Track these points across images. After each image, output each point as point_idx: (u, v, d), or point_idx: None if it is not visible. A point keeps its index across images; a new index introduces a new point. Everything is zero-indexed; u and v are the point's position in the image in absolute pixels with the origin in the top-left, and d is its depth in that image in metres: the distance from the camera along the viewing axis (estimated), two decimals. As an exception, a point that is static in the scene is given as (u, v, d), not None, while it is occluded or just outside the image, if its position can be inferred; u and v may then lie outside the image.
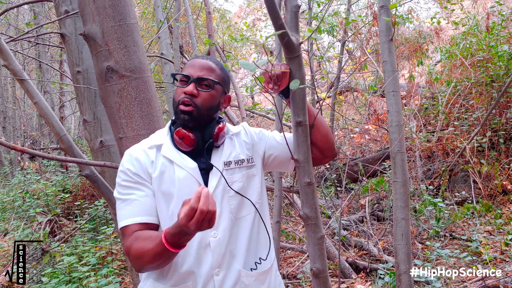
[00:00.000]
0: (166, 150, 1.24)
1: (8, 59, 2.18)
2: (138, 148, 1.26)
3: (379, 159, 5.28)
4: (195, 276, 1.19)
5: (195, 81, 1.23)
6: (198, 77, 1.24)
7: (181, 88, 1.25)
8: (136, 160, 1.22)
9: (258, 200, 1.31)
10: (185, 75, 1.25)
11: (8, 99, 12.43)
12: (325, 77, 7.04)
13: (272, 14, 1.14)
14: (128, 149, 1.28)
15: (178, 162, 1.22)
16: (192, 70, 1.25)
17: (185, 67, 1.29)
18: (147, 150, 1.25)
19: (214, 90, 1.26)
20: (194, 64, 1.26)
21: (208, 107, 1.25)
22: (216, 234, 1.21)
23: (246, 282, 1.24)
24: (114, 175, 2.33)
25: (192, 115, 1.22)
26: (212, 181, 1.23)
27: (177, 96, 1.25)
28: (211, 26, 4.76)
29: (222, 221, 1.23)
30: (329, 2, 5.38)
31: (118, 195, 1.22)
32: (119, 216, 1.20)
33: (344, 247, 3.85)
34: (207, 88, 1.25)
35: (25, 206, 5.52)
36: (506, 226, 3.86)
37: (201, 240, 1.20)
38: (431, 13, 9.61)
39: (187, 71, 1.26)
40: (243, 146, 1.33)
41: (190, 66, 1.27)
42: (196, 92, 1.22)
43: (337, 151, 5.96)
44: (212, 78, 1.25)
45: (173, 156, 1.23)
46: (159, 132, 1.33)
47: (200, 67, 1.25)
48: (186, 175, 1.21)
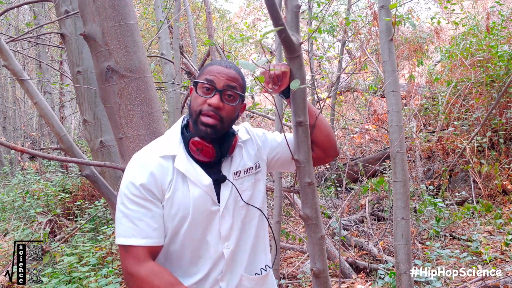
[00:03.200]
0: (180, 163, 1.16)
1: (8, 59, 2.18)
2: (151, 158, 1.16)
3: (379, 159, 5.28)
4: (202, 283, 1.20)
5: (220, 93, 1.16)
6: (223, 88, 1.16)
7: (203, 97, 1.16)
8: (152, 175, 1.13)
9: (262, 203, 1.31)
10: (209, 84, 1.16)
11: (8, 99, 12.43)
12: (325, 77, 7.04)
13: (272, 14, 1.13)
14: (139, 155, 1.18)
15: (192, 178, 1.16)
16: (217, 79, 1.16)
17: (206, 72, 1.19)
18: (162, 162, 1.15)
19: (238, 103, 1.20)
20: (219, 72, 1.17)
21: (231, 120, 1.20)
22: (229, 246, 1.21)
23: (248, 286, 1.26)
24: (114, 175, 2.34)
25: (216, 128, 1.15)
26: (224, 193, 1.21)
27: (198, 105, 1.16)
28: (211, 26, 4.76)
29: (233, 231, 1.22)
30: (329, 2, 5.38)
31: (122, 208, 1.13)
32: (120, 230, 1.13)
33: (344, 247, 3.85)
34: (232, 101, 1.18)
35: (25, 206, 5.52)
36: (506, 226, 3.86)
37: (215, 251, 1.20)
38: (431, 13, 9.61)
39: (212, 78, 1.17)
40: (250, 153, 1.31)
41: (213, 74, 1.17)
42: (222, 105, 1.15)
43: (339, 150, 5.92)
44: (237, 90, 1.18)
45: (187, 170, 1.16)
46: (169, 137, 1.23)
47: (225, 76, 1.17)
48: (200, 193, 1.16)
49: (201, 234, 1.18)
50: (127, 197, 1.13)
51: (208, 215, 1.18)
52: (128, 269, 1.12)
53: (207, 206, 1.17)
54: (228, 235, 1.21)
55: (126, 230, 1.12)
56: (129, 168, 1.17)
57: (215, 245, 1.19)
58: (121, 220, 1.13)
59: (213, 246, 1.19)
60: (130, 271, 1.12)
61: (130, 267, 1.12)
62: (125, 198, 1.13)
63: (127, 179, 1.14)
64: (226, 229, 1.20)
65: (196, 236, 1.17)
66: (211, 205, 1.18)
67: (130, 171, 1.15)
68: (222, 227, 1.20)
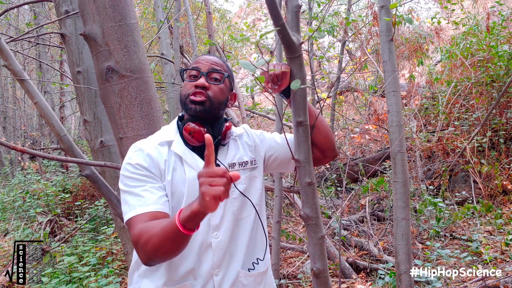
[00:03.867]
0: (177, 146, 1.22)
1: (8, 59, 2.18)
2: (148, 143, 1.22)
3: (379, 159, 5.28)
4: (194, 276, 1.19)
5: (205, 75, 1.23)
6: (208, 71, 1.24)
7: (190, 82, 1.24)
8: (148, 156, 1.18)
9: (258, 202, 1.31)
10: (195, 69, 1.25)
11: (8, 99, 12.43)
12: (325, 77, 7.04)
13: (273, 14, 1.14)
14: (136, 143, 1.23)
15: (188, 161, 1.20)
16: (201, 65, 1.25)
17: (192, 63, 1.29)
18: (158, 146, 1.21)
19: (224, 84, 1.26)
20: (202, 60, 1.27)
21: (219, 100, 1.24)
22: (218, 235, 1.21)
23: (244, 282, 1.25)
24: (114, 175, 2.34)
25: (205, 105, 1.21)
26: None
27: (186, 90, 1.24)
28: (211, 26, 4.76)
29: (224, 222, 1.22)
30: (329, 2, 5.38)
31: (124, 187, 1.15)
32: (126, 208, 1.13)
33: (344, 247, 3.85)
34: (218, 81, 1.25)
35: (25, 206, 5.52)
36: (506, 226, 3.86)
37: (202, 240, 1.20)
38: (431, 13, 9.61)
39: (197, 65, 1.26)
40: (246, 148, 1.33)
41: (198, 62, 1.27)
42: (207, 84, 1.22)
43: (338, 151, 5.93)
44: (222, 71, 1.26)
45: (183, 153, 1.21)
46: (165, 129, 1.29)
47: (209, 61, 1.26)
48: (195, 175, 1.18)
49: None
50: (126, 177, 1.16)
51: None
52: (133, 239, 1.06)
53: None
54: (218, 225, 1.21)
55: (132, 204, 1.11)
56: (127, 154, 1.21)
57: (202, 233, 1.19)
58: (125, 198, 1.14)
59: (200, 234, 1.19)
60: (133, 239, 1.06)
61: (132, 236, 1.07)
62: (124, 178, 1.16)
63: (125, 162, 1.19)
64: (216, 219, 1.21)
65: None
66: None
67: (128, 155, 1.20)
68: (212, 216, 1.20)
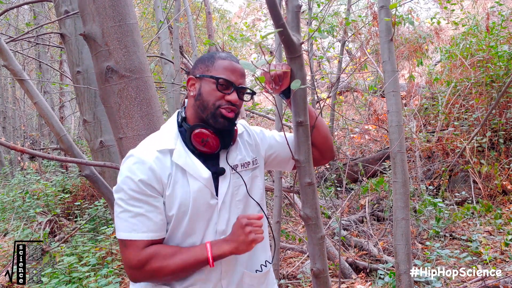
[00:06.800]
0: (178, 157, 1.16)
1: (8, 59, 2.18)
2: (148, 153, 1.14)
3: (379, 159, 5.28)
4: (203, 281, 1.18)
5: (237, 90, 1.22)
6: (240, 86, 1.22)
7: (220, 93, 1.19)
8: (151, 169, 1.11)
9: (260, 200, 1.31)
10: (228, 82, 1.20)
11: (8, 99, 12.43)
12: (325, 77, 7.04)
13: (273, 14, 1.14)
14: (135, 152, 1.15)
15: (191, 172, 1.16)
16: (234, 76, 1.21)
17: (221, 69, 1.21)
18: (160, 156, 1.15)
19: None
20: (235, 69, 1.21)
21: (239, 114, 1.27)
22: None
23: (249, 283, 1.25)
24: (114, 175, 2.33)
25: (233, 122, 1.22)
26: (222, 186, 1.21)
27: (216, 99, 1.18)
28: (211, 26, 4.76)
29: (230, 226, 1.21)
30: (329, 2, 5.38)
31: (122, 204, 1.12)
32: (121, 226, 1.12)
33: (344, 247, 3.85)
34: (243, 98, 1.26)
35: (25, 206, 5.51)
36: (506, 226, 3.86)
37: None
38: (431, 13, 9.61)
39: (229, 76, 1.20)
40: (247, 148, 1.32)
41: (230, 71, 1.21)
42: (240, 102, 1.22)
43: (336, 152, 5.96)
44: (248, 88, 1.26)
45: (185, 165, 1.16)
46: (165, 132, 1.23)
47: (240, 74, 1.23)
48: (200, 186, 1.16)
49: (200, 229, 1.17)
50: (125, 192, 1.11)
51: (206, 209, 1.17)
52: (130, 262, 1.11)
53: (206, 200, 1.17)
54: (225, 230, 1.20)
55: (127, 225, 1.11)
56: (126, 164, 1.14)
57: (210, 240, 1.18)
58: (120, 215, 1.12)
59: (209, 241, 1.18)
60: (131, 264, 1.11)
61: (132, 260, 1.11)
62: (123, 193, 1.11)
63: (124, 174, 1.12)
64: (223, 224, 1.20)
65: (195, 231, 1.17)
66: (210, 198, 1.18)
67: (128, 166, 1.13)
68: (219, 221, 1.20)
